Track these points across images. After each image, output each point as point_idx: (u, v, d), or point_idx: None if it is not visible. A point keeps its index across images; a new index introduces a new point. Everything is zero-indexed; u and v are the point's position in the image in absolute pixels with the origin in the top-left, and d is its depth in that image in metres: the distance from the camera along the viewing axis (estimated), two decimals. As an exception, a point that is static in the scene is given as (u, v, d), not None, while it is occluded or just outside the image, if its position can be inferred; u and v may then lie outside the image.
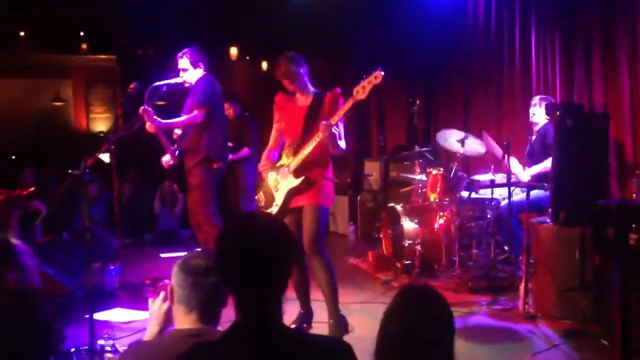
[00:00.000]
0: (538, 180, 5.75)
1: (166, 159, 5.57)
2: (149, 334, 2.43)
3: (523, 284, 5.03)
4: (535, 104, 6.08)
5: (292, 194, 4.48)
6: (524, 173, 5.91)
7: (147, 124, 5.32)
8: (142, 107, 5.18)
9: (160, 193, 9.28)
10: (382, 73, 4.21)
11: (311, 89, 4.63)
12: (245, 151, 7.56)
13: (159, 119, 5.33)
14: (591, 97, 6.24)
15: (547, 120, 5.98)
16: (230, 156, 7.09)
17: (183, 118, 5.46)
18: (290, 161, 4.51)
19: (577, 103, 6.15)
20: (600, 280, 4.38)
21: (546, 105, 5.79)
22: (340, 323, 4.46)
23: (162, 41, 10.79)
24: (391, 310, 1.94)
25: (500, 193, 6.04)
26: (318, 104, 4.51)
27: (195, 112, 5.42)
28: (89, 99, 12.64)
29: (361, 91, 4.22)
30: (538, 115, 6.04)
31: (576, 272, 4.55)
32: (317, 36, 9.81)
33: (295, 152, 4.49)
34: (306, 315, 4.66)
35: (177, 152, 5.50)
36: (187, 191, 5.65)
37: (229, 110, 7.68)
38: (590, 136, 4.83)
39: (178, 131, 5.58)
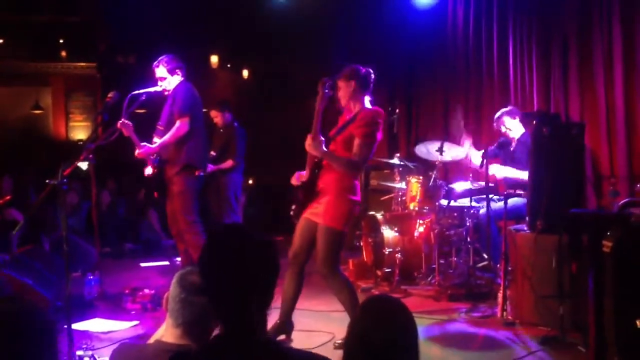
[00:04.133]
0: (513, 188, 5.82)
1: (148, 170, 5.57)
2: None
3: (501, 292, 5.08)
4: (502, 121, 6.14)
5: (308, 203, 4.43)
6: (492, 168, 5.96)
7: (137, 152, 5.34)
8: (121, 121, 5.18)
9: (134, 202, 9.24)
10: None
11: (364, 105, 4.44)
12: (228, 163, 7.40)
13: (146, 144, 5.36)
14: (568, 107, 6.32)
15: (523, 129, 6.07)
16: (212, 167, 7.03)
17: (169, 136, 5.43)
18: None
19: (554, 112, 6.23)
20: (577, 288, 4.44)
21: (522, 114, 5.87)
22: None
23: (142, 49, 10.77)
24: (354, 323, 1.96)
25: (478, 199, 6.11)
26: (350, 120, 4.39)
27: (178, 123, 5.41)
28: (69, 107, 12.59)
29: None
30: (514, 129, 6.11)
31: (553, 279, 4.59)
32: (298, 44, 9.85)
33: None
34: (284, 325, 4.55)
35: (157, 161, 5.50)
36: (168, 199, 5.63)
37: (217, 117, 7.55)
38: (566, 145, 4.91)
39: (157, 140, 5.56)
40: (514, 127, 6.11)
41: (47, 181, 3.97)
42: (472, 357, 4.37)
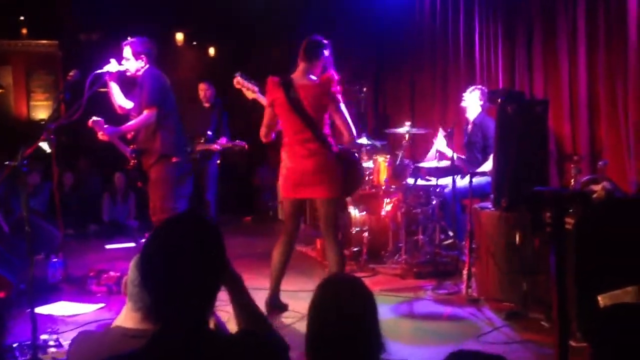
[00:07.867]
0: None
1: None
2: None
3: (466, 269, 5.14)
4: (469, 94, 6.22)
5: None
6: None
7: (99, 134, 5.21)
8: (92, 119, 5.08)
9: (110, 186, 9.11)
10: None
11: None
12: (222, 140, 7.37)
13: (109, 127, 5.23)
14: (532, 86, 6.39)
15: (480, 109, 6.13)
16: (222, 144, 7.18)
17: (133, 122, 5.32)
18: None
19: (519, 90, 6.28)
20: (539, 264, 4.51)
21: (488, 92, 5.91)
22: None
23: (106, 26, 10.55)
24: (312, 304, 1.97)
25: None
26: None
27: (145, 112, 5.28)
28: (30, 85, 12.31)
29: None
30: (472, 108, 6.17)
31: (517, 256, 4.67)
32: (265, 22, 9.74)
33: None
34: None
35: (134, 151, 5.38)
36: (148, 188, 5.53)
37: (207, 90, 7.52)
38: (530, 123, 4.94)
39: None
40: (472, 105, 6.16)
41: (6, 163, 3.88)
42: (437, 334, 4.42)
